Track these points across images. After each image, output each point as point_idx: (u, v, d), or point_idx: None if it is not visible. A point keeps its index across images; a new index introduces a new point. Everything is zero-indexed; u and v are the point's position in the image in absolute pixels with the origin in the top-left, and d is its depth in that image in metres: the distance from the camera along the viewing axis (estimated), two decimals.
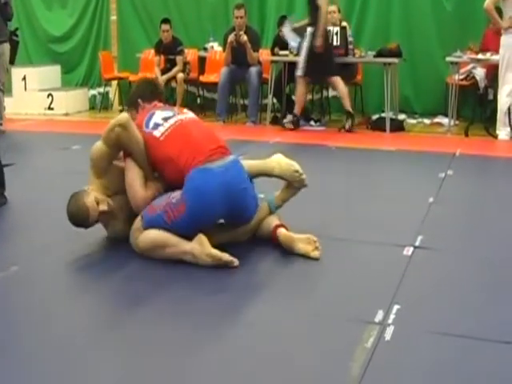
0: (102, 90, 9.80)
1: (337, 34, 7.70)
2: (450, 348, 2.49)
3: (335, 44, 7.71)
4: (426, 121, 8.33)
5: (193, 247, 3.26)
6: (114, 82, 9.63)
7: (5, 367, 2.33)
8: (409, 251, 3.50)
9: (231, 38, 8.21)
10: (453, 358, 2.42)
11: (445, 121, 7.98)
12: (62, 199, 3.54)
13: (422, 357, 2.41)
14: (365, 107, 8.51)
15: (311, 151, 6.44)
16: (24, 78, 9.39)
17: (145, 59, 9.26)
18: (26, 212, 4.29)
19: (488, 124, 7.37)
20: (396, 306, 2.80)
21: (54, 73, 9.76)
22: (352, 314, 2.77)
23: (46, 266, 3.32)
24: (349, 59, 7.91)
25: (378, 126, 7.76)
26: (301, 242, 3.42)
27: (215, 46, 9.04)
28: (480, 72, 7.80)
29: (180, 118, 3.56)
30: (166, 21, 8.60)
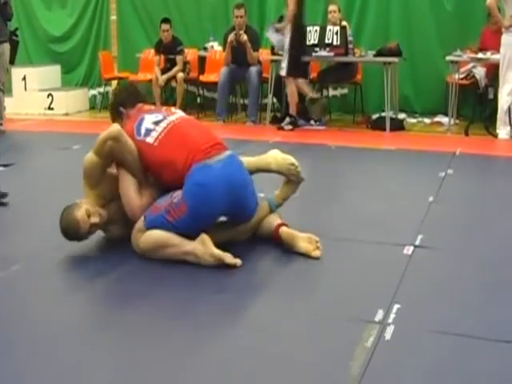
0: (102, 89, 9.80)
1: (337, 33, 7.68)
2: (450, 347, 2.49)
3: (335, 43, 7.70)
4: (426, 120, 8.33)
5: (195, 247, 3.25)
6: (114, 82, 9.60)
7: (5, 367, 2.33)
8: (409, 250, 3.50)
9: (231, 37, 8.21)
10: (453, 358, 2.42)
11: (445, 120, 7.97)
12: (62, 199, 3.54)
13: (422, 356, 2.41)
14: (365, 106, 8.50)
15: (311, 151, 6.43)
16: (24, 78, 9.39)
17: (145, 59, 9.25)
18: (26, 212, 4.29)
19: (488, 123, 7.37)
20: (396, 306, 2.80)
21: (54, 73, 9.76)
22: (352, 313, 2.77)
23: (47, 266, 3.32)
24: (349, 59, 7.90)
25: (378, 125, 7.77)
26: (302, 240, 3.42)
27: (215, 46, 9.04)
28: (480, 71, 7.80)
29: (171, 120, 3.51)
30: (165, 20, 8.60)
